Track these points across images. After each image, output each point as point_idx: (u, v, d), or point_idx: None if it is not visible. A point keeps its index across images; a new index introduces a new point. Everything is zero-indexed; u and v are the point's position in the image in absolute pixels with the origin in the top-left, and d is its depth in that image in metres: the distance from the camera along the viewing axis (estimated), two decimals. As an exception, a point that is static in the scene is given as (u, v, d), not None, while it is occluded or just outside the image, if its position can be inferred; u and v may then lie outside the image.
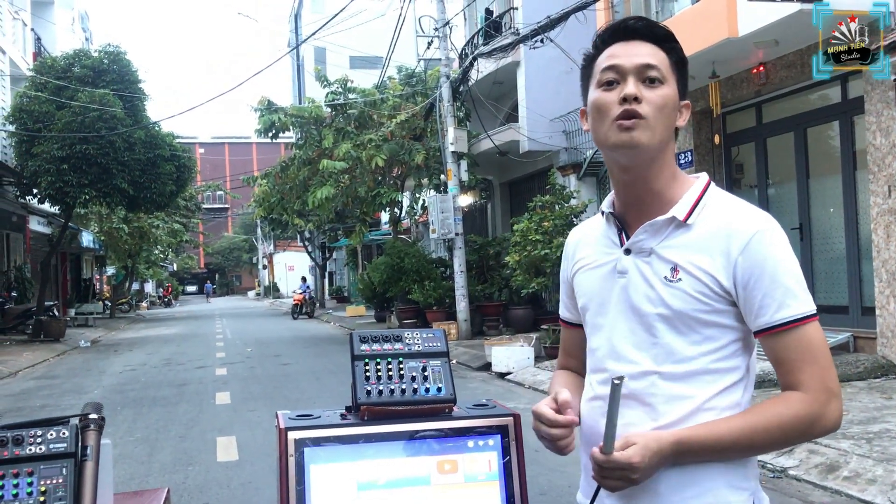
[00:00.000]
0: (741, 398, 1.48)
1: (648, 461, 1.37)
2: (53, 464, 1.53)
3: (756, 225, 1.44)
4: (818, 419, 1.40)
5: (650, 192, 1.52)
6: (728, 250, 1.44)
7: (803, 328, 1.42)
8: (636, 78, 1.47)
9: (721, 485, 1.45)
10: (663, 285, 1.47)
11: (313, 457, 1.69)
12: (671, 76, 1.50)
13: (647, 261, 1.51)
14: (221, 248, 71.75)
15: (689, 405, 1.45)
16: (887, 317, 8.66)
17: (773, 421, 1.41)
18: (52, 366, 15.36)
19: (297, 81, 45.79)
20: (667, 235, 1.50)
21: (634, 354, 1.50)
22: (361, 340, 1.84)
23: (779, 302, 1.42)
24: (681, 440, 1.40)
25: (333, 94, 19.90)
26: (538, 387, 9.80)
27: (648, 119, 1.45)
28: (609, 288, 1.56)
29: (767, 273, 1.42)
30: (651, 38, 1.51)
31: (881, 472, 5.04)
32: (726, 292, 1.45)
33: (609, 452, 1.36)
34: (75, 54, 20.57)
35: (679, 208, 1.49)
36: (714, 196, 1.52)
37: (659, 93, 1.47)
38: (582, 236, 1.70)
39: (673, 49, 1.53)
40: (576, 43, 13.40)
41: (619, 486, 1.40)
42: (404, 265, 18.28)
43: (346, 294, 38.43)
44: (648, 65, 1.47)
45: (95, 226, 29.83)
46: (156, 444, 7.46)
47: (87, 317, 26.89)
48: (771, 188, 11.25)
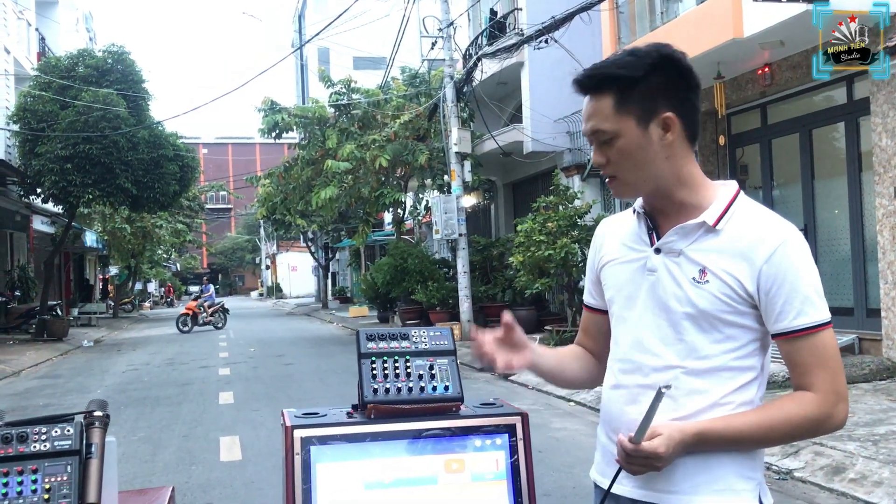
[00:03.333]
0: (755, 395, 1.59)
1: (672, 451, 1.49)
2: (58, 461, 1.52)
3: (782, 236, 1.54)
4: (826, 419, 1.53)
5: (673, 203, 1.62)
6: (754, 258, 1.53)
7: (818, 335, 1.53)
8: (597, 143, 1.59)
9: (731, 472, 1.56)
10: (691, 285, 1.57)
11: (320, 455, 1.67)
12: (622, 120, 1.54)
13: (676, 261, 1.60)
14: (224, 249, 71.78)
15: (707, 399, 1.56)
16: (893, 318, 8.62)
17: (786, 419, 1.53)
18: (55, 365, 15.38)
19: (301, 82, 45.86)
20: (696, 239, 1.58)
21: (660, 349, 1.60)
22: (368, 338, 1.83)
23: (798, 309, 1.52)
24: (702, 431, 1.52)
25: (337, 95, 19.90)
26: (542, 388, 9.77)
27: (618, 176, 1.59)
28: (638, 283, 1.65)
29: (789, 282, 1.52)
30: (591, 90, 1.58)
31: (887, 475, 5.01)
32: (749, 296, 1.55)
33: (638, 442, 1.48)
34: (79, 54, 20.58)
35: (709, 214, 1.58)
36: (743, 204, 1.61)
37: (616, 148, 1.56)
38: (611, 229, 1.78)
39: (609, 84, 1.55)
40: (580, 43, 13.41)
41: (643, 471, 1.53)
42: (407, 266, 18.27)
43: (349, 295, 38.43)
44: (594, 130, 1.58)
45: (99, 225, 29.86)
46: (159, 444, 7.45)
47: (90, 316, 26.92)
48: (776, 189, 11.22)
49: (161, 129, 20.91)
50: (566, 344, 8.04)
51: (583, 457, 6.26)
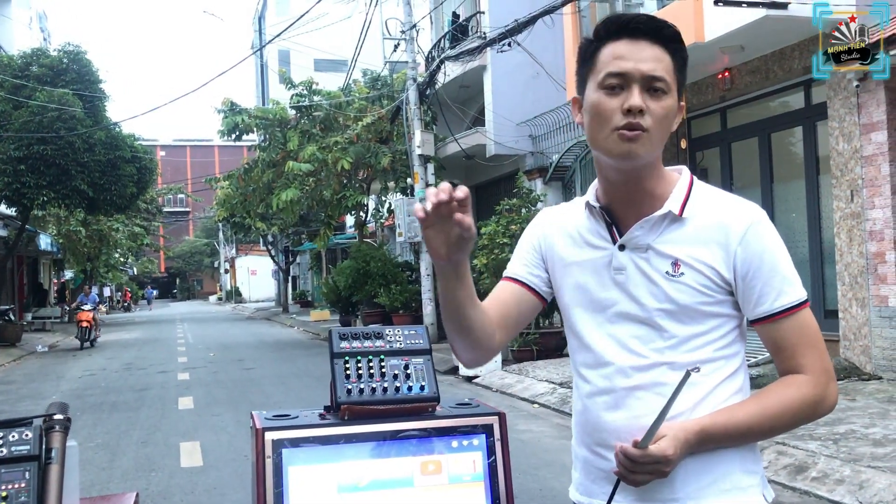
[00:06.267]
0: (742, 384, 1.54)
1: (680, 452, 1.40)
2: (15, 467, 1.44)
3: (750, 216, 1.49)
4: (822, 400, 1.47)
5: (641, 191, 1.52)
6: (726, 242, 1.47)
7: (800, 313, 1.48)
8: (641, 87, 1.44)
9: (736, 469, 1.49)
10: (666, 280, 1.49)
11: (292, 458, 1.62)
12: (674, 83, 1.48)
13: (644, 257, 1.51)
14: (182, 252, 70.88)
15: (699, 392, 1.48)
16: (850, 320, 8.78)
17: (786, 405, 1.46)
18: (8, 371, 15.00)
19: (261, 83, 45.45)
20: (663, 230, 1.51)
21: (641, 348, 1.51)
22: (341, 338, 1.78)
23: (777, 290, 1.47)
24: (704, 428, 1.44)
25: (298, 97, 19.73)
26: (506, 390, 9.77)
27: (650, 132, 1.44)
28: (605, 284, 1.55)
29: (766, 263, 1.47)
30: (658, 39, 1.47)
31: (849, 473, 5.08)
32: (727, 283, 1.49)
33: (646, 447, 1.38)
34: (33, 53, 20.21)
35: (672, 203, 1.50)
36: (701, 189, 1.55)
37: (663, 104, 1.45)
38: (556, 220, 1.67)
39: (678, 50, 1.50)
40: (543, 47, 13.47)
41: (648, 479, 1.41)
42: (370, 269, 18.18)
43: (310, 298, 38.16)
44: (655, 76, 1.44)
45: (53, 228, 29.26)
46: (117, 450, 7.29)
47: (44, 321, 26.36)
48: (735, 193, 11.33)
49: (118, 130, 20.61)
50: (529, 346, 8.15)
51: (549, 459, 6.26)
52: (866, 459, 5.29)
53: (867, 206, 8.47)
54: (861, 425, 6.30)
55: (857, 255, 8.63)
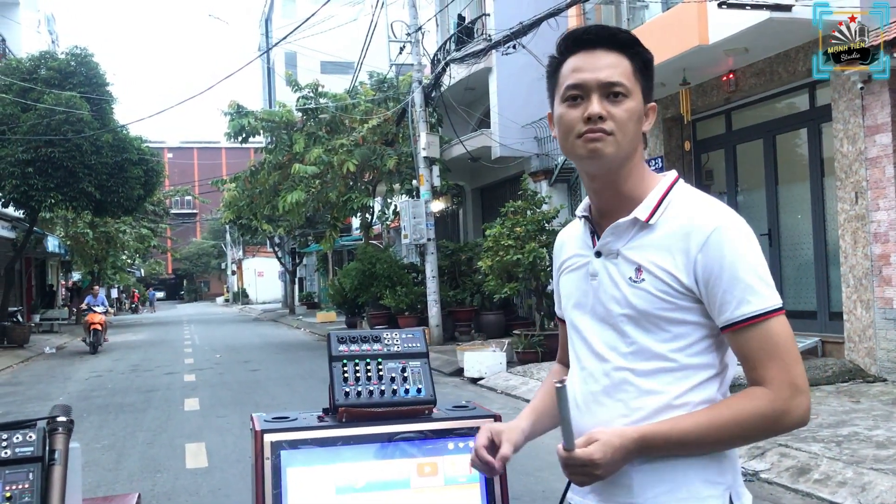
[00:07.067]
0: (715, 394, 1.49)
1: (611, 457, 1.39)
2: (19, 468, 1.48)
3: (715, 222, 1.45)
4: (783, 415, 1.40)
5: (619, 196, 1.54)
6: (688, 248, 1.46)
7: (766, 324, 1.42)
8: (600, 94, 1.48)
9: (694, 479, 1.46)
10: (628, 286, 1.50)
11: (290, 459, 1.65)
12: (635, 86, 1.50)
13: (614, 262, 1.53)
14: (190, 254, 71.00)
15: (660, 400, 1.47)
16: (854, 321, 8.77)
17: (737, 416, 1.42)
18: (16, 372, 15.08)
19: (268, 86, 45.58)
20: (632, 237, 1.52)
21: (608, 353, 1.53)
22: (339, 341, 1.81)
23: (738, 298, 1.42)
24: (644, 435, 1.42)
25: (304, 99, 19.79)
26: (510, 392, 9.79)
27: (615, 134, 1.47)
28: (584, 290, 1.60)
29: (726, 270, 1.43)
30: (614, 46, 1.51)
31: (851, 475, 5.08)
32: (689, 290, 1.46)
33: (570, 449, 1.39)
34: (41, 56, 20.25)
35: (641, 210, 1.51)
36: (679, 194, 1.53)
37: (623, 107, 1.48)
38: (566, 238, 1.73)
39: (636, 54, 1.52)
40: (548, 49, 13.29)
41: (585, 480, 1.43)
42: (376, 270, 18.21)
43: (316, 300, 38.22)
44: (611, 82, 1.48)
45: (61, 230, 29.36)
46: (123, 451, 7.33)
47: (52, 322, 26.46)
48: (740, 195, 11.37)
49: (125, 132, 20.65)
50: (534, 348, 8.11)
51: (552, 461, 6.24)
52: (869, 462, 5.29)
53: (872, 208, 8.47)
54: (864, 427, 6.30)
55: (862, 256, 8.62)
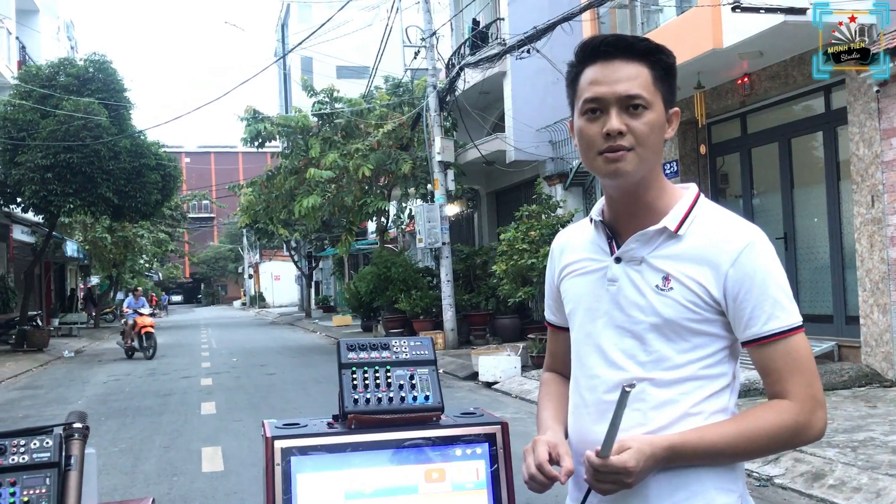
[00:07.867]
0: (727, 403, 1.52)
1: (643, 465, 1.40)
2: (37, 473, 1.51)
3: (746, 237, 1.47)
4: (804, 428, 1.44)
5: (640, 205, 1.54)
6: (719, 262, 1.47)
7: (790, 339, 1.46)
8: (619, 108, 1.46)
9: (710, 487, 1.48)
10: (655, 294, 1.50)
11: (300, 466, 1.68)
12: (656, 95, 1.48)
13: (637, 269, 1.52)
14: (207, 258, 71.40)
15: (677, 410, 1.49)
16: (871, 326, 8.71)
17: (763, 428, 1.44)
18: (36, 376, 15.23)
19: (284, 91, 45.78)
20: (658, 245, 1.52)
21: (625, 361, 1.53)
22: (348, 349, 1.83)
23: (768, 314, 1.45)
24: (674, 445, 1.43)
25: (320, 104, 19.88)
26: (525, 396, 9.79)
27: (635, 149, 1.46)
28: (599, 295, 1.57)
29: (757, 285, 1.45)
30: (632, 56, 1.48)
31: (866, 481, 5.06)
32: (716, 302, 1.48)
33: (606, 456, 1.39)
34: (60, 63, 20.45)
35: (670, 219, 1.51)
36: (704, 208, 1.54)
37: (644, 120, 1.46)
38: (567, 240, 1.71)
39: (657, 61, 1.50)
40: (562, 53, 13.45)
41: (613, 489, 1.42)
42: (391, 274, 18.25)
43: (332, 303, 38.33)
44: (631, 95, 1.45)
45: (80, 235, 29.63)
46: (140, 455, 7.40)
47: (70, 326, 26.67)
48: (756, 198, 11.32)
49: (143, 138, 20.81)
50: (547, 351, 7.74)
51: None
52: (884, 467, 5.26)
53: (888, 212, 8.41)
54: (881, 433, 6.27)
55: (879, 260, 8.57)
